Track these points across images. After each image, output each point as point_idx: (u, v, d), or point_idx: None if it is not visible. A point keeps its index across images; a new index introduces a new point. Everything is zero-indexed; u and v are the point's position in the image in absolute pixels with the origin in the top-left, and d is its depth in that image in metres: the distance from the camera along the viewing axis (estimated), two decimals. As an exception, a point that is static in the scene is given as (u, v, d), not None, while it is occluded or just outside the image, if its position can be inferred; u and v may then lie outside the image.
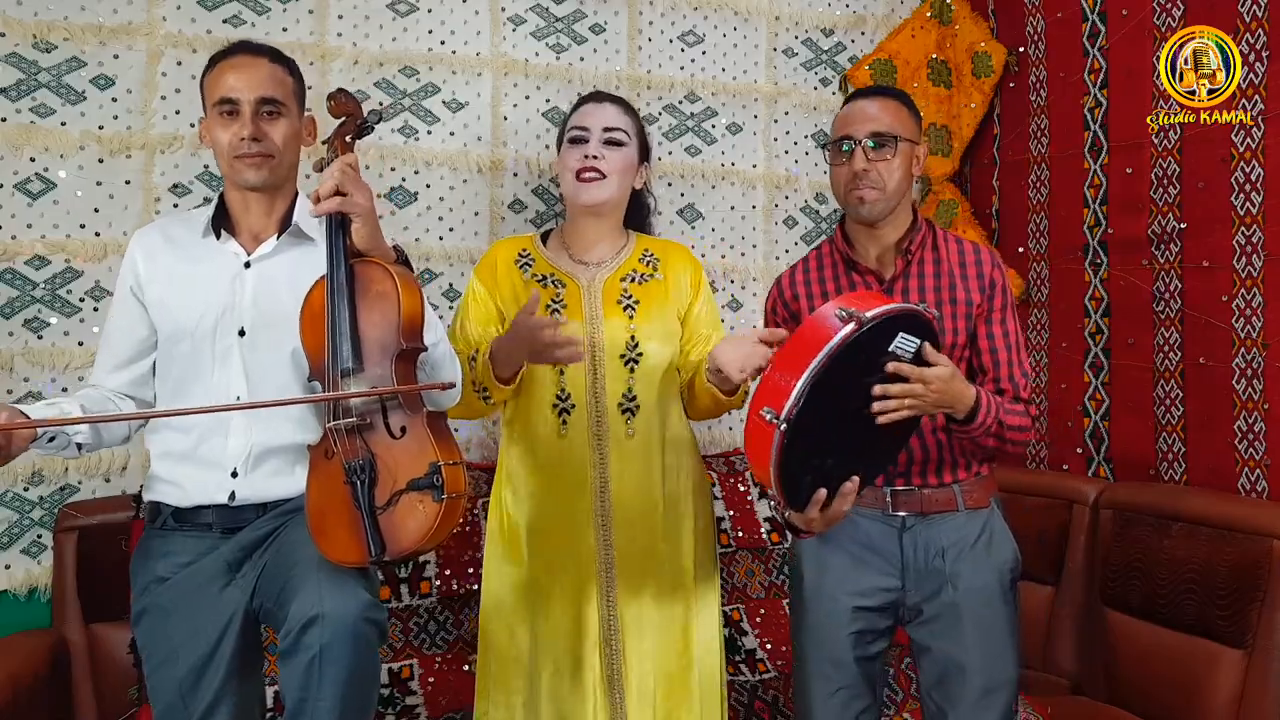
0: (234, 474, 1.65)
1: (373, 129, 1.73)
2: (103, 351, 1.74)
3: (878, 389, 1.51)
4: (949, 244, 1.81)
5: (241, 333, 1.66)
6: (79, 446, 1.61)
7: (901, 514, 1.75)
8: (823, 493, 1.54)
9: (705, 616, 1.98)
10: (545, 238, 2.07)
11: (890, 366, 1.50)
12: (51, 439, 1.55)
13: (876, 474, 1.69)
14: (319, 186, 1.59)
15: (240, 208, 1.72)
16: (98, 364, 1.74)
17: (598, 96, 2.06)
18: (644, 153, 2.05)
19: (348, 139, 1.68)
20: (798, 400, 1.41)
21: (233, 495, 1.65)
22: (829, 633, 1.76)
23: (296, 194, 1.76)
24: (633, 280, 1.98)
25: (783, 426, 1.42)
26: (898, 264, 1.78)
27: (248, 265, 1.69)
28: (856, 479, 1.56)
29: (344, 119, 1.70)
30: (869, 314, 1.44)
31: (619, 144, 1.96)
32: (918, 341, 1.51)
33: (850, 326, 1.43)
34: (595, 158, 1.93)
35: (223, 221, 1.71)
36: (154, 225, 1.81)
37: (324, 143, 1.71)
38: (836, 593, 1.76)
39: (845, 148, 1.77)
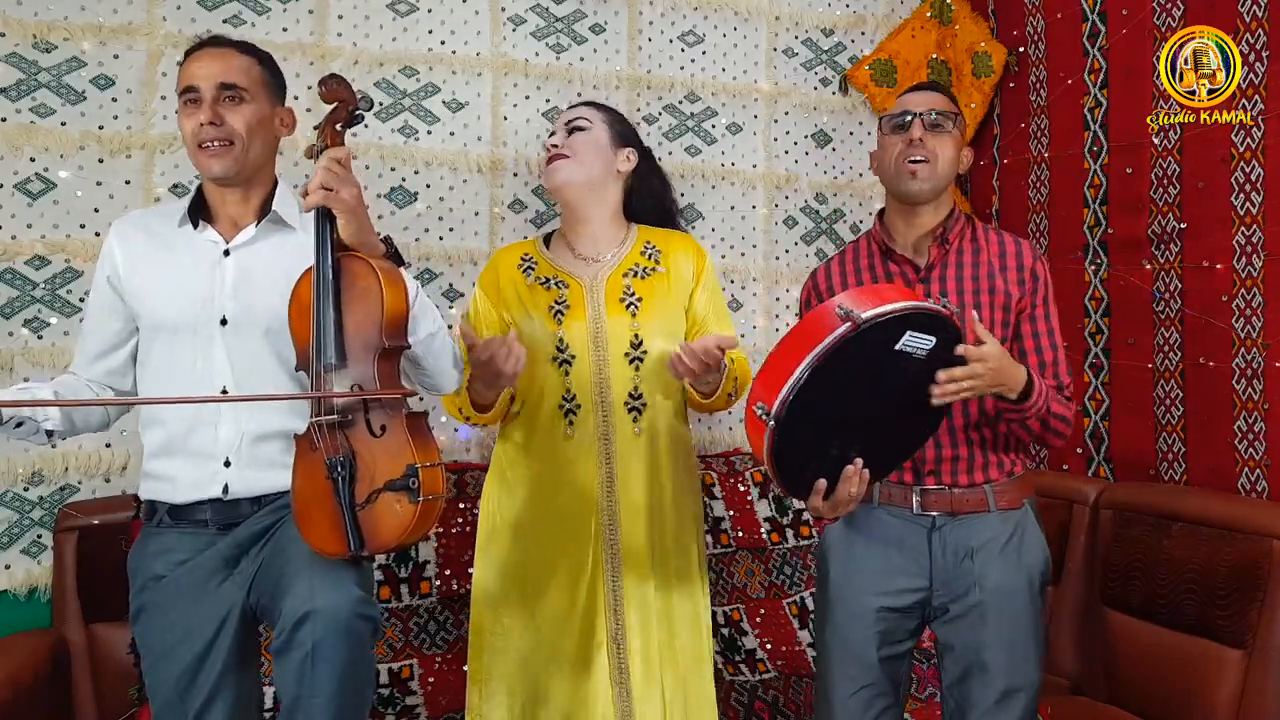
0: (226, 463, 1.65)
1: (363, 117, 1.72)
2: (81, 342, 1.75)
3: (942, 374, 1.50)
4: (989, 236, 1.80)
5: (224, 321, 1.66)
6: (49, 434, 1.60)
7: (931, 514, 1.73)
8: (822, 483, 1.54)
9: (703, 612, 2.00)
10: (548, 241, 2.08)
11: (960, 349, 1.50)
12: (19, 424, 1.54)
13: (890, 468, 1.68)
14: (308, 184, 1.58)
15: (217, 197, 1.71)
16: (77, 355, 1.75)
17: (570, 105, 2.12)
18: (624, 138, 2.05)
19: (338, 127, 1.66)
20: (787, 398, 1.42)
21: (226, 488, 1.64)
22: (854, 632, 1.75)
23: (276, 181, 1.75)
24: (635, 275, 1.98)
25: (771, 424, 1.43)
26: (933, 252, 1.77)
27: (227, 253, 1.69)
28: (860, 462, 1.55)
29: (336, 105, 1.68)
30: (865, 314, 1.42)
31: (580, 129, 2.01)
32: (931, 340, 1.48)
33: (845, 327, 1.42)
34: (556, 145, 1.99)
35: (200, 211, 1.71)
36: (131, 216, 1.81)
37: (315, 128, 1.70)
38: (862, 593, 1.75)
39: (903, 120, 1.77)
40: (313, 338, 1.54)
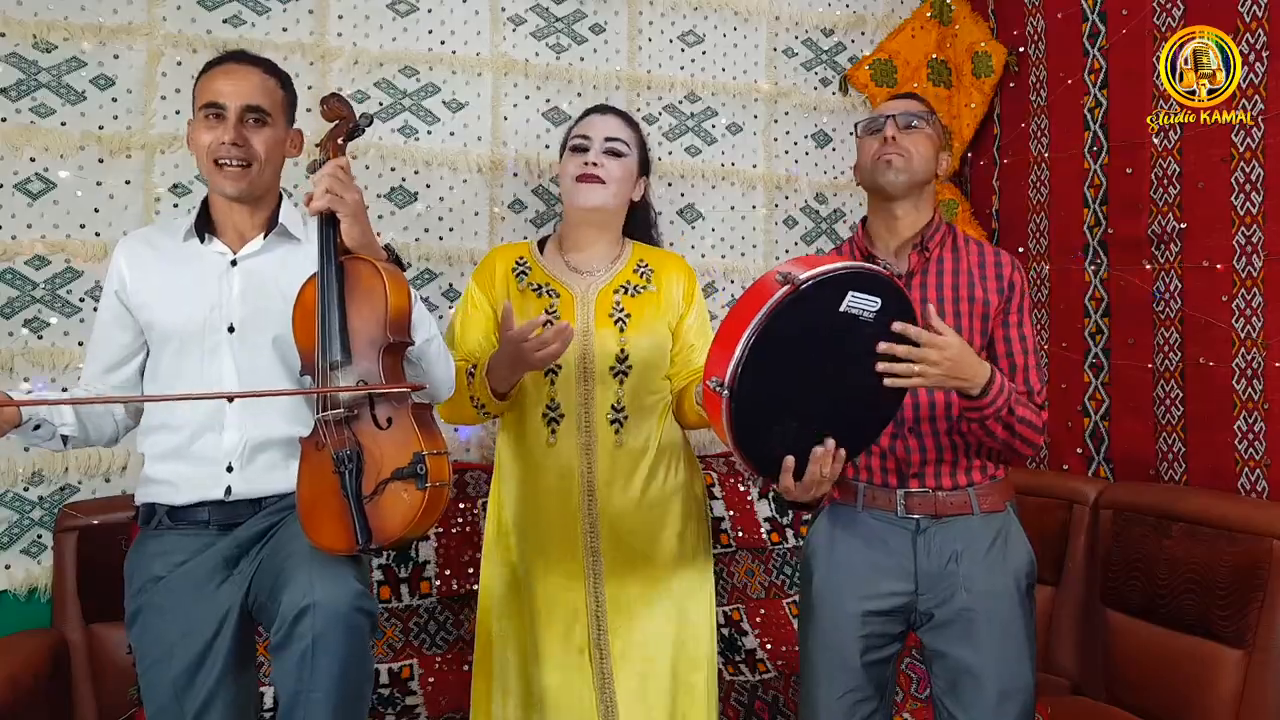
0: (229, 469, 1.66)
1: (363, 132, 1.76)
2: (89, 357, 1.77)
3: (882, 346, 1.50)
4: (969, 246, 1.81)
5: (231, 329, 1.68)
6: (65, 440, 1.63)
7: (915, 517, 1.73)
8: (790, 461, 1.53)
9: (694, 611, 1.99)
10: (542, 245, 2.09)
11: (897, 327, 1.50)
12: (37, 427, 1.57)
13: (860, 445, 1.66)
14: (313, 189, 1.61)
15: (224, 210, 1.73)
16: (85, 370, 1.77)
17: (602, 109, 2.09)
18: (644, 166, 2.07)
19: (339, 142, 1.71)
20: (737, 366, 1.42)
21: (228, 490, 1.65)
22: (838, 637, 1.74)
23: (281, 197, 1.79)
24: (625, 292, 2.00)
25: (726, 394, 1.43)
26: (913, 259, 1.77)
27: (234, 264, 1.71)
28: (831, 443, 1.54)
29: (337, 122, 1.74)
30: (804, 275, 1.43)
31: (618, 154, 1.99)
32: (877, 301, 1.48)
33: (784, 290, 1.42)
34: (595, 165, 1.96)
35: (206, 225, 1.73)
36: (138, 233, 1.83)
37: (316, 145, 1.74)
38: (846, 596, 1.74)
39: (878, 122, 1.81)
40: (318, 336, 1.57)
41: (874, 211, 1.84)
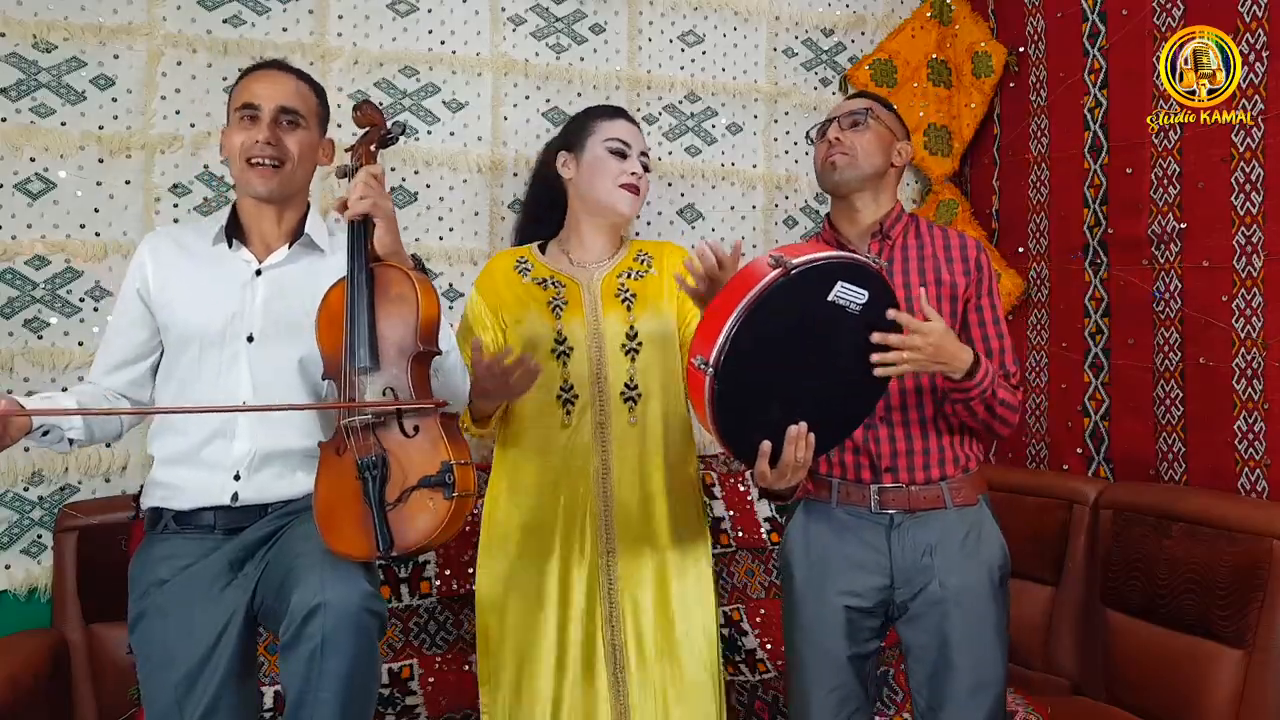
0: (236, 477, 1.66)
1: (396, 139, 1.78)
2: (102, 351, 1.76)
3: (877, 337, 1.53)
4: (933, 231, 1.86)
5: (250, 338, 1.69)
6: (71, 441, 1.63)
7: (889, 512, 1.76)
8: (768, 445, 1.55)
9: (703, 598, 1.99)
10: (543, 247, 2.12)
11: (891, 313, 1.53)
12: (45, 433, 1.58)
13: (837, 436, 1.67)
14: (349, 194, 1.63)
15: (253, 217, 1.75)
16: (96, 363, 1.76)
17: (628, 116, 2.13)
18: None
19: (371, 148, 1.73)
20: (724, 346, 1.43)
21: (235, 496, 1.66)
22: (821, 632, 1.77)
23: (309, 206, 1.80)
24: (629, 276, 2.05)
25: (711, 373, 1.44)
26: (872, 246, 1.82)
27: (259, 273, 1.72)
28: (804, 426, 1.55)
29: (368, 129, 1.75)
30: (796, 260, 1.45)
31: (647, 169, 2.09)
32: (864, 293, 1.50)
33: (776, 272, 1.44)
34: (638, 176, 2.05)
35: (234, 230, 1.75)
36: (165, 230, 1.84)
37: (348, 150, 1.75)
38: (827, 592, 1.77)
39: (823, 127, 1.88)
40: (345, 341, 1.57)
41: (835, 207, 1.89)
